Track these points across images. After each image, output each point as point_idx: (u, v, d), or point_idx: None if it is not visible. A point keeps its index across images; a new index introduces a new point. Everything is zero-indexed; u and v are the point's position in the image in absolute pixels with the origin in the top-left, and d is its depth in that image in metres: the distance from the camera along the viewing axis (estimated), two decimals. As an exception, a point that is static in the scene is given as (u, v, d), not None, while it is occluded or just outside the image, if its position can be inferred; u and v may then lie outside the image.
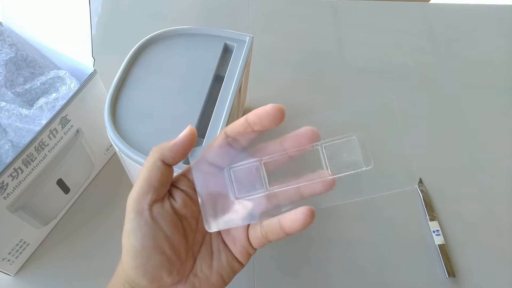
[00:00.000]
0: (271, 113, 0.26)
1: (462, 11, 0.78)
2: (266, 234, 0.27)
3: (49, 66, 0.46)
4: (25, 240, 0.44)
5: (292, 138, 0.26)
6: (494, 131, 0.62)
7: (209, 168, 0.27)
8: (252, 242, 0.28)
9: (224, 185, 0.26)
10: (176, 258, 0.26)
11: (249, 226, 0.28)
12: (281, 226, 0.26)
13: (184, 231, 0.27)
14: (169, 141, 0.26)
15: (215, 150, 0.27)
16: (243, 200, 0.26)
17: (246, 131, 0.27)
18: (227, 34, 0.48)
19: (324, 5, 0.77)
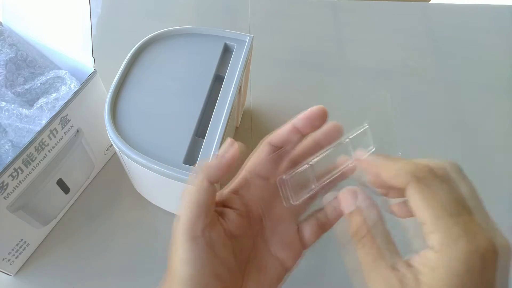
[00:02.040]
0: (321, 114, 0.26)
1: (462, 11, 0.78)
2: (323, 224, 0.27)
3: (49, 66, 0.46)
4: (25, 240, 0.44)
5: (324, 135, 0.26)
6: (494, 131, 0.62)
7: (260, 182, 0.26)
8: (306, 239, 0.27)
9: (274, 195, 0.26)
10: (231, 280, 0.25)
11: (300, 225, 0.27)
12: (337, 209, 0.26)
13: (234, 250, 0.26)
14: (213, 160, 0.25)
15: (266, 163, 0.26)
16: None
17: (294, 137, 0.26)
18: (227, 34, 0.48)
19: (324, 5, 0.77)
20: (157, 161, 0.38)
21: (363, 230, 0.21)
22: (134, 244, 0.48)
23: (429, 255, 0.19)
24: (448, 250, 0.18)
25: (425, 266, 0.19)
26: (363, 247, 0.21)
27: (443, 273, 0.18)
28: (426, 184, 0.20)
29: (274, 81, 0.65)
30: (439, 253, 0.19)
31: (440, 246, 0.19)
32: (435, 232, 0.19)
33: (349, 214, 0.23)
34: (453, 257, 0.18)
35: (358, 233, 0.22)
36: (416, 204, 0.20)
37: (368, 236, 0.21)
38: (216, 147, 0.40)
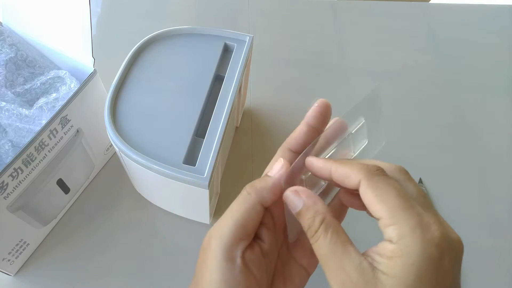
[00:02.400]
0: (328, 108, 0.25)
1: (462, 11, 0.78)
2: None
3: (49, 66, 0.46)
4: (25, 240, 0.44)
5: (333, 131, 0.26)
6: (494, 131, 0.62)
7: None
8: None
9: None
10: None
11: None
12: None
13: (266, 267, 0.25)
14: (266, 181, 0.24)
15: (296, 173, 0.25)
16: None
17: (312, 137, 0.25)
18: (227, 34, 0.48)
19: (324, 5, 0.77)
20: (157, 161, 0.38)
21: (315, 225, 0.21)
22: (134, 244, 0.48)
23: (386, 246, 0.20)
24: (405, 240, 0.19)
25: (381, 256, 0.20)
26: (317, 241, 0.21)
27: (399, 262, 0.19)
28: (377, 180, 0.21)
29: (274, 81, 0.65)
30: (397, 244, 0.19)
31: (397, 238, 0.19)
32: (392, 224, 0.19)
33: (297, 214, 0.23)
34: (410, 246, 0.19)
35: (311, 229, 0.22)
36: (370, 200, 0.21)
37: (320, 229, 0.21)
38: (216, 147, 0.40)
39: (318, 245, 0.21)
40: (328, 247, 0.21)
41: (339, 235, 0.21)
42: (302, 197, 0.22)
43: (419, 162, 0.57)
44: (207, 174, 0.38)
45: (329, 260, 0.21)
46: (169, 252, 0.48)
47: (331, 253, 0.21)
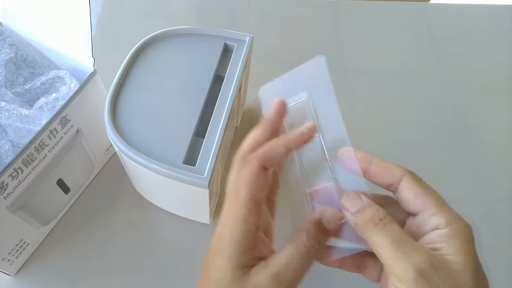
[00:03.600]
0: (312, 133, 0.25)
1: (462, 11, 0.78)
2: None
3: (49, 66, 0.46)
4: (25, 240, 0.44)
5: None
6: (494, 131, 0.62)
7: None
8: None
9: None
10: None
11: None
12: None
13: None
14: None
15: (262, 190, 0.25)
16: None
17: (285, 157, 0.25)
18: (227, 34, 0.48)
19: (324, 5, 0.77)
20: (157, 161, 0.38)
21: (381, 215, 0.22)
22: (134, 244, 0.48)
23: (438, 232, 0.22)
24: (454, 225, 0.22)
25: (438, 242, 0.22)
26: (383, 229, 0.22)
27: (457, 242, 0.21)
28: (419, 178, 0.23)
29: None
30: (448, 227, 0.22)
31: (446, 223, 0.22)
32: (439, 213, 0.22)
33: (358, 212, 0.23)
34: (460, 229, 0.22)
35: (373, 219, 0.22)
36: (416, 192, 0.23)
37: (386, 218, 0.22)
38: (216, 147, 0.40)
39: (386, 232, 0.22)
40: (398, 233, 0.22)
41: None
42: (363, 198, 0.24)
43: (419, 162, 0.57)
44: (207, 174, 0.38)
45: (401, 244, 0.21)
46: (169, 252, 0.48)
47: (403, 237, 0.22)
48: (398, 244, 0.21)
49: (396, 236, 0.22)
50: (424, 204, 0.23)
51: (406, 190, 0.23)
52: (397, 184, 0.24)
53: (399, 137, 0.60)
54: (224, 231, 0.23)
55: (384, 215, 0.22)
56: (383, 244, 0.22)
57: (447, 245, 0.21)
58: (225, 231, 0.23)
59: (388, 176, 0.24)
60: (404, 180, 0.23)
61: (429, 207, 0.22)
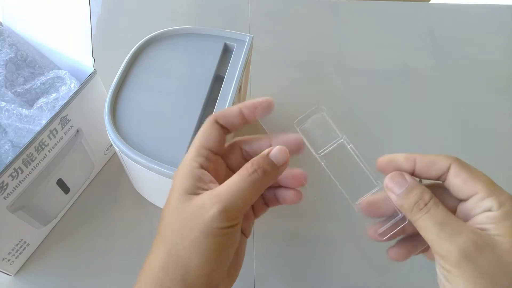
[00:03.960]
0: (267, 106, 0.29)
1: (462, 11, 0.78)
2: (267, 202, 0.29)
3: (49, 66, 0.46)
4: (25, 240, 0.44)
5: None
6: (494, 131, 0.62)
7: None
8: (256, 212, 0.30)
9: None
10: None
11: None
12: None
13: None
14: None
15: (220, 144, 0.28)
16: None
17: (239, 122, 0.28)
18: (227, 34, 0.48)
19: (324, 5, 0.77)
20: (157, 161, 0.38)
21: (425, 198, 0.23)
22: (134, 244, 0.48)
23: (489, 215, 0.22)
24: (506, 207, 0.22)
25: (486, 224, 0.22)
26: (429, 211, 0.23)
27: (508, 223, 0.21)
28: (466, 164, 0.24)
29: (274, 81, 0.65)
30: (500, 210, 0.22)
31: (498, 205, 0.22)
32: (490, 196, 0.23)
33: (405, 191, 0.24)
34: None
35: (419, 202, 0.23)
36: (465, 178, 0.23)
37: (432, 200, 0.23)
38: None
39: (431, 215, 0.22)
40: (442, 215, 0.22)
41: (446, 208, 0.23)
42: (407, 178, 0.24)
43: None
44: (207, 174, 0.38)
45: (445, 226, 0.22)
46: (169, 252, 0.48)
47: (448, 219, 0.22)
48: (442, 226, 0.22)
49: (440, 218, 0.22)
50: (475, 188, 0.23)
51: (454, 177, 0.24)
52: (446, 174, 0.24)
53: (398, 136, 0.60)
54: (176, 173, 0.26)
55: (429, 198, 0.23)
56: (427, 227, 0.22)
57: (497, 226, 0.22)
58: (176, 173, 0.26)
59: (435, 169, 0.24)
60: (452, 169, 0.24)
61: (480, 191, 0.23)
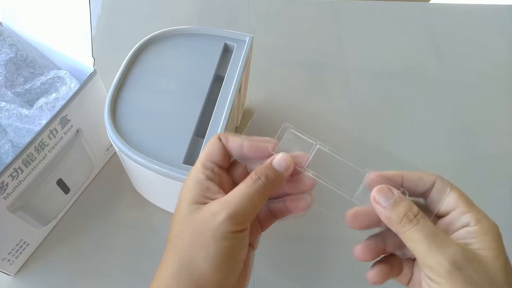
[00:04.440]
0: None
1: (462, 11, 0.78)
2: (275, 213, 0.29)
3: (49, 66, 0.46)
4: (25, 240, 0.44)
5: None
6: (494, 131, 0.62)
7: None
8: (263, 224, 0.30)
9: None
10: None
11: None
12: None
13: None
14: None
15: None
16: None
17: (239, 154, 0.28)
18: (227, 34, 0.48)
19: (324, 5, 0.77)
20: (157, 161, 0.38)
21: (414, 211, 0.24)
22: (134, 244, 0.48)
23: (470, 229, 0.23)
24: (483, 223, 0.23)
25: (469, 238, 0.23)
26: (417, 224, 0.23)
27: (488, 238, 0.23)
28: (447, 181, 0.25)
29: (274, 81, 0.65)
30: (478, 225, 0.23)
31: (476, 221, 0.23)
32: (469, 212, 0.23)
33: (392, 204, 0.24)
34: (489, 226, 0.23)
35: (408, 215, 0.24)
36: (445, 194, 0.25)
37: (421, 213, 0.24)
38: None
39: (421, 226, 0.23)
40: (431, 227, 0.23)
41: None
42: (394, 191, 0.25)
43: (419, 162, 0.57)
44: (207, 174, 0.38)
45: (435, 238, 0.22)
46: (169, 252, 0.48)
47: (437, 231, 0.23)
48: (432, 238, 0.22)
49: (429, 231, 0.23)
50: (455, 204, 0.24)
51: (438, 193, 0.25)
52: (430, 190, 0.25)
53: (398, 136, 0.60)
54: (184, 185, 0.27)
55: (418, 211, 0.24)
56: (417, 238, 0.23)
57: (477, 240, 0.22)
58: (184, 184, 0.27)
59: (422, 184, 0.25)
60: (436, 185, 0.25)
61: (459, 206, 0.24)
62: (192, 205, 0.25)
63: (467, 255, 0.22)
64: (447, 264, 0.21)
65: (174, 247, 0.25)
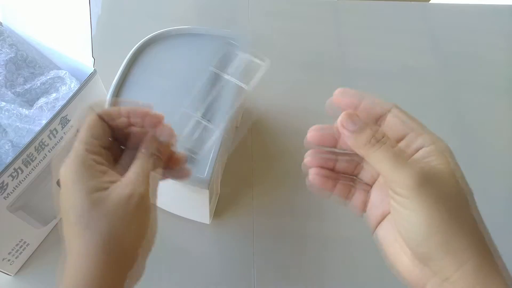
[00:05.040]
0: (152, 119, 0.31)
1: (462, 11, 0.78)
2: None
3: (49, 66, 0.46)
4: (25, 240, 0.44)
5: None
6: (494, 131, 0.62)
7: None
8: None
9: None
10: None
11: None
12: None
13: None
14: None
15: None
16: None
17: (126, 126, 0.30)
18: (227, 34, 0.48)
19: (324, 5, 0.77)
20: (157, 161, 0.38)
21: (380, 133, 0.25)
22: (134, 244, 0.48)
23: (427, 149, 0.25)
24: (438, 144, 0.25)
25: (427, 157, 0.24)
26: (384, 145, 0.25)
27: (443, 155, 0.24)
28: (402, 109, 0.27)
29: (274, 81, 0.65)
30: (433, 145, 0.25)
31: (430, 142, 0.25)
32: (423, 134, 0.25)
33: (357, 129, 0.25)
34: (443, 147, 0.25)
35: (375, 137, 0.25)
36: (402, 119, 0.26)
37: (386, 137, 0.25)
38: (216, 147, 0.40)
39: (387, 147, 0.25)
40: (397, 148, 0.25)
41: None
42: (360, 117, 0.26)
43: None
44: (207, 174, 0.38)
45: (400, 156, 0.24)
46: (169, 252, 0.48)
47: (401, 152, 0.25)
48: (397, 157, 0.24)
49: (394, 151, 0.24)
50: (410, 128, 0.26)
51: (393, 117, 0.27)
52: (385, 116, 0.27)
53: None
54: (65, 168, 0.26)
55: (383, 134, 0.25)
56: (384, 158, 0.24)
57: (434, 158, 0.24)
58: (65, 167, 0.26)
59: (379, 108, 0.27)
60: (392, 110, 0.27)
61: (415, 130, 0.26)
62: (94, 193, 0.25)
63: (429, 170, 0.24)
64: (415, 175, 0.23)
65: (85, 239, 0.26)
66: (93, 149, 0.27)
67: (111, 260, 0.25)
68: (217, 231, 0.50)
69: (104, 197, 0.26)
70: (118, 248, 0.26)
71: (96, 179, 0.26)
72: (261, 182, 0.54)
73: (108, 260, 0.25)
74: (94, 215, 0.25)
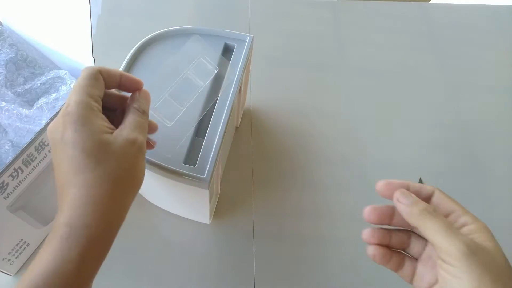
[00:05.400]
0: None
1: (462, 11, 0.78)
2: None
3: (49, 66, 0.46)
4: (25, 240, 0.44)
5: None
6: (494, 131, 0.62)
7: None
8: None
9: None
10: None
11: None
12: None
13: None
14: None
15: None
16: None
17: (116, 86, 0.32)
18: (227, 34, 0.48)
19: (324, 5, 0.77)
20: (157, 161, 0.38)
21: (431, 208, 0.28)
22: (134, 244, 0.48)
23: (470, 227, 0.27)
24: (479, 222, 0.27)
25: (471, 234, 0.27)
26: (435, 217, 0.27)
27: (485, 233, 0.27)
28: (444, 193, 0.29)
29: (274, 81, 0.65)
30: (475, 224, 0.27)
31: (472, 220, 0.27)
32: (466, 214, 0.28)
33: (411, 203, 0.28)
34: (483, 226, 0.27)
35: (428, 209, 0.27)
36: (446, 201, 0.29)
37: (436, 210, 0.28)
38: (216, 147, 0.40)
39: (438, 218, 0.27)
40: (447, 220, 0.27)
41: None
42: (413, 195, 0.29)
43: (419, 162, 0.57)
44: (207, 174, 0.38)
45: (450, 227, 0.26)
46: (169, 252, 0.48)
47: (451, 224, 0.27)
48: (448, 227, 0.26)
49: (445, 222, 0.27)
50: (453, 207, 0.28)
51: (438, 199, 0.29)
52: (430, 198, 0.30)
53: (399, 137, 0.60)
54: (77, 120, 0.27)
55: (434, 207, 0.28)
56: (436, 227, 0.26)
57: (478, 235, 0.26)
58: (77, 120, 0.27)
59: (424, 192, 0.29)
60: (435, 193, 0.29)
61: (457, 210, 0.28)
62: (103, 135, 0.28)
63: (477, 243, 0.26)
64: (464, 247, 0.25)
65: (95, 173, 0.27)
66: (94, 97, 0.29)
67: (119, 190, 0.29)
68: (217, 231, 0.50)
69: (111, 139, 0.28)
70: (125, 181, 0.29)
71: (102, 122, 0.28)
72: (261, 182, 0.54)
73: (116, 189, 0.28)
74: (103, 153, 0.28)
